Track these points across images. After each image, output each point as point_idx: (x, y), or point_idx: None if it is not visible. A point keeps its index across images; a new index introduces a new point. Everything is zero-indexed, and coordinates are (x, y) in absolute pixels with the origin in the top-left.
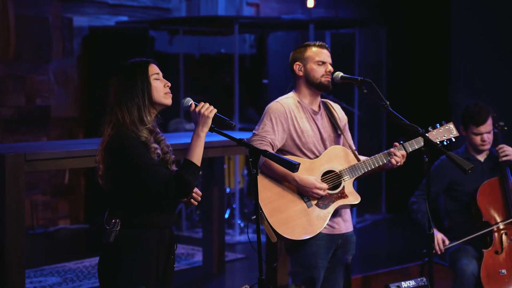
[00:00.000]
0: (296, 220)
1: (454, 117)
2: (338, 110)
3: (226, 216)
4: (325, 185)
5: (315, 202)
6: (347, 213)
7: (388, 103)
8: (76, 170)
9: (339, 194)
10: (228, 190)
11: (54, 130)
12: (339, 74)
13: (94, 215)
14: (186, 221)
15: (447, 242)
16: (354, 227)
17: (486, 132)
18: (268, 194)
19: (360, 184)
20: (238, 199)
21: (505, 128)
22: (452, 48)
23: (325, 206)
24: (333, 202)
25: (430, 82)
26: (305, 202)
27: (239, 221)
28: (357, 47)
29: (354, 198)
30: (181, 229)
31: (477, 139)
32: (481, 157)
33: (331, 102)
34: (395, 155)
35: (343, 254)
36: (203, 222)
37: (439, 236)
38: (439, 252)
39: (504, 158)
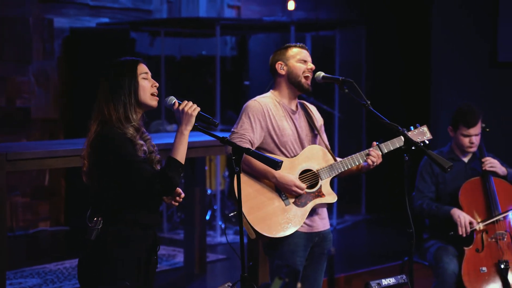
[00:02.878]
0: (274, 217)
1: (433, 117)
2: (314, 111)
3: (207, 217)
4: (303, 185)
5: (292, 200)
6: (324, 211)
7: (369, 102)
8: (57, 172)
9: (316, 193)
10: (209, 191)
11: (35, 131)
12: (321, 74)
13: (75, 217)
14: (167, 223)
15: (475, 224)
16: (334, 228)
17: (475, 134)
18: (247, 191)
19: (341, 185)
20: (219, 201)
21: (487, 129)
22: (432, 49)
23: (303, 205)
24: (310, 200)
25: (410, 83)
26: (283, 200)
27: (220, 223)
28: (337, 49)
29: (330, 197)
30: (162, 231)
31: (466, 140)
32: (465, 158)
33: (308, 103)
34: (371, 155)
35: (320, 252)
36: (185, 224)
37: (467, 218)
38: (464, 235)
39: (491, 169)
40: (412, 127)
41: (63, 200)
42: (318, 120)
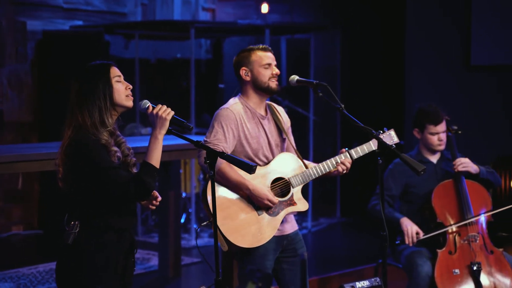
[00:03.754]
0: (247, 228)
1: (407, 120)
2: (282, 113)
3: (182, 220)
4: (276, 199)
5: (265, 209)
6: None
7: (343, 106)
8: (30, 175)
9: (288, 202)
10: (184, 194)
11: (8, 134)
12: (295, 77)
13: (48, 220)
14: (141, 226)
15: (421, 234)
16: (309, 230)
17: (442, 132)
18: (220, 201)
19: (316, 188)
20: (194, 204)
21: (459, 132)
22: (406, 53)
23: (275, 214)
24: (282, 209)
25: (384, 86)
26: (255, 210)
27: (195, 226)
28: (312, 52)
29: (302, 205)
30: (136, 234)
31: (434, 139)
32: (434, 159)
33: (275, 105)
34: (341, 162)
35: (293, 255)
36: (159, 227)
37: (414, 228)
38: (411, 244)
39: (463, 169)
40: (380, 131)
41: (37, 204)
42: (286, 122)
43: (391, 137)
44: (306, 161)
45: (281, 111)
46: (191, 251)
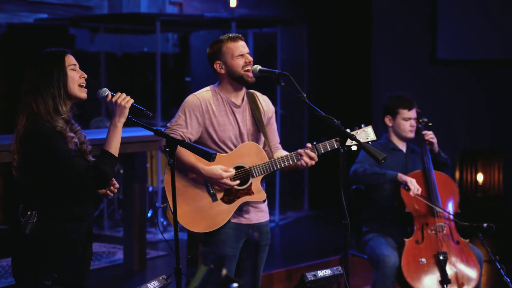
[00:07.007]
0: (200, 213)
1: (375, 114)
2: (264, 103)
3: (149, 214)
4: (232, 171)
5: (220, 196)
6: (263, 204)
7: (305, 95)
8: None
9: (245, 190)
10: (150, 188)
11: None
12: (257, 67)
13: (13, 215)
14: (108, 220)
15: (420, 190)
16: (276, 224)
17: (414, 118)
18: (176, 185)
19: (283, 182)
20: (160, 198)
21: (430, 124)
22: (373, 48)
23: (230, 201)
24: (238, 197)
25: (352, 80)
26: (210, 196)
27: (162, 219)
28: (279, 46)
29: (259, 196)
30: (103, 228)
31: (407, 124)
32: (404, 148)
33: (259, 94)
34: (306, 154)
35: (255, 244)
36: (124, 220)
37: (414, 180)
38: (413, 195)
39: (431, 140)
40: (357, 127)
41: (1, 198)
42: (267, 112)
43: (367, 133)
44: (281, 152)
45: (263, 100)
46: (157, 244)
